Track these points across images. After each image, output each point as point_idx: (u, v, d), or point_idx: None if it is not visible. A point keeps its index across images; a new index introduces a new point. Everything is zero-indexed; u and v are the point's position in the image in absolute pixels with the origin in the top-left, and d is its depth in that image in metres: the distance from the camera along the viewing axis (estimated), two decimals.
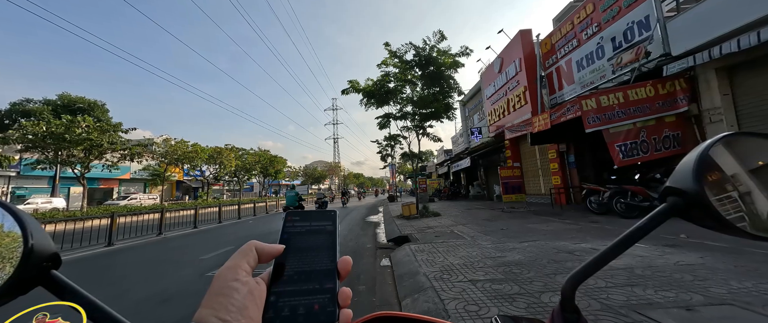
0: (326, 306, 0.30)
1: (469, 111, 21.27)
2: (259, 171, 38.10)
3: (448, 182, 26.66)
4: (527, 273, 3.31)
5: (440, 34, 10.17)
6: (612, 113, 7.10)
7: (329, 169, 79.44)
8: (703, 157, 0.33)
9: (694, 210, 0.32)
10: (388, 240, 6.59)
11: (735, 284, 2.67)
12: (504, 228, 6.64)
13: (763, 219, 0.33)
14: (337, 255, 0.34)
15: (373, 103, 11.03)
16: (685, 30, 6.60)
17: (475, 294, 2.82)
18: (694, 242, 4.22)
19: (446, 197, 22.00)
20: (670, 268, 3.20)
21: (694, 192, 0.31)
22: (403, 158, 15.39)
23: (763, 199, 0.33)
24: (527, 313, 2.37)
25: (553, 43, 11.29)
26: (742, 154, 0.36)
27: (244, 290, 0.27)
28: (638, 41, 7.87)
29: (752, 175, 0.35)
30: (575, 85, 10.17)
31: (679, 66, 6.53)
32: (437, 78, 10.53)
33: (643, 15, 7.72)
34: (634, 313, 2.25)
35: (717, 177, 0.35)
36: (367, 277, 4.06)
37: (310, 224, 0.36)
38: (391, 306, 3.09)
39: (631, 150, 7.00)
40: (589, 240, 4.90)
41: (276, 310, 0.29)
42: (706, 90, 6.70)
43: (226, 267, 0.28)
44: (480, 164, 19.74)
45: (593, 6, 9.23)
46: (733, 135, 0.36)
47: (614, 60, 8.58)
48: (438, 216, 9.85)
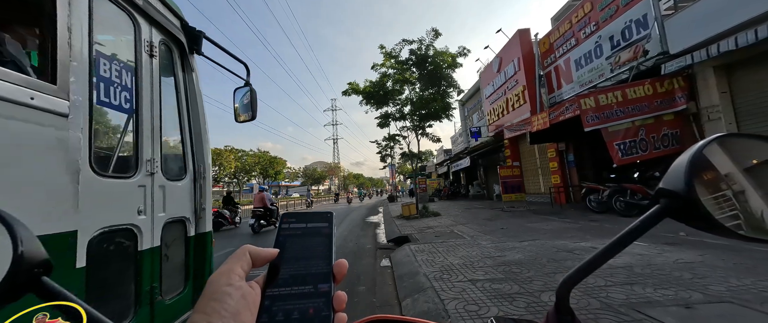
0: (321, 310, 0.30)
1: (468, 110, 21.28)
2: (259, 173, 38.09)
3: (448, 182, 26.69)
4: (527, 273, 3.32)
5: (435, 32, 10.19)
6: (610, 112, 7.11)
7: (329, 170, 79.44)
8: (694, 159, 0.33)
9: (686, 212, 0.32)
10: (388, 241, 6.59)
11: (734, 281, 2.68)
12: (504, 227, 6.64)
13: (758, 218, 0.33)
14: (332, 258, 0.34)
15: (373, 104, 11.04)
16: (683, 28, 6.61)
17: (475, 294, 2.82)
18: (694, 240, 4.23)
19: (446, 197, 22.02)
20: (669, 266, 3.21)
21: (685, 194, 0.31)
22: (403, 158, 15.38)
23: (758, 199, 0.33)
24: (527, 313, 2.37)
25: (551, 43, 11.30)
26: (737, 153, 0.36)
27: (238, 295, 0.27)
28: (636, 40, 7.89)
29: (747, 175, 0.35)
30: (574, 84, 10.18)
31: (677, 64, 6.54)
32: (436, 77, 10.54)
33: (640, 14, 7.73)
34: (633, 311, 2.25)
35: (712, 177, 0.35)
36: (367, 278, 4.06)
37: (306, 226, 0.36)
38: (391, 306, 3.09)
39: (630, 148, 7.01)
40: (588, 238, 4.91)
41: (270, 314, 0.29)
42: (704, 88, 6.71)
43: (219, 271, 0.28)
44: (479, 164, 19.75)
45: (591, 5, 9.24)
46: (726, 136, 0.36)
47: (612, 59, 8.59)
48: (438, 216, 9.85)
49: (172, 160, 1.80)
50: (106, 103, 1.35)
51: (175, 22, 1.79)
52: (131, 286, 1.40)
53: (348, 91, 10.96)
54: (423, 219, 9.23)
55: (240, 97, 2.20)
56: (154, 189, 1.52)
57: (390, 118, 11.58)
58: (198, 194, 1.85)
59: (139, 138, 1.47)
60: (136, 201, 1.42)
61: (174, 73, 1.82)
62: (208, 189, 1.91)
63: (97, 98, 1.27)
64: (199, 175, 1.86)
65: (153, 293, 1.47)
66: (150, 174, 1.49)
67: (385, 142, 13.58)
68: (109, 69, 1.37)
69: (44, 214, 0.99)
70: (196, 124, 1.91)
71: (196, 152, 1.88)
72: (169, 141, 1.80)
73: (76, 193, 1.08)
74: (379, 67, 10.65)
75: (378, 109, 11.35)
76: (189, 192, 1.80)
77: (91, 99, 1.19)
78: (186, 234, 1.76)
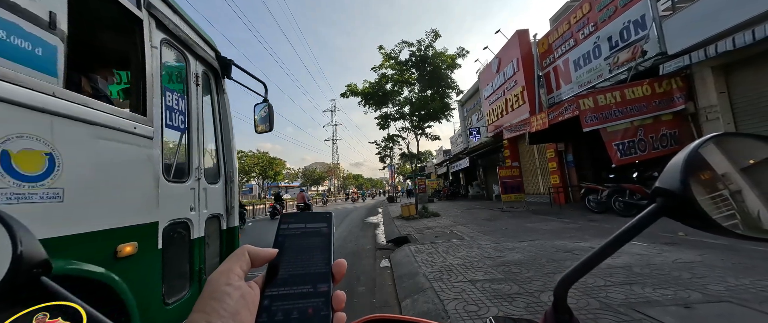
0: (320, 310, 0.30)
1: (467, 111, 21.30)
2: (259, 173, 38.01)
3: (448, 182, 26.69)
4: (526, 273, 3.32)
5: (435, 33, 10.20)
6: (609, 112, 7.12)
7: (328, 171, 79.40)
8: (690, 158, 0.33)
9: (682, 211, 0.32)
10: (387, 241, 6.59)
11: (732, 281, 2.68)
12: (503, 227, 6.64)
13: (754, 218, 0.33)
14: (331, 257, 0.34)
15: (372, 105, 11.04)
16: (681, 29, 6.64)
17: (475, 294, 2.82)
18: (693, 240, 4.24)
19: (445, 197, 22.03)
20: (668, 266, 3.21)
21: (681, 193, 0.31)
22: (402, 159, 15.38)
23: (754, 198, 0.34)
24: (527, 313, 2.37)
25: (550, 43, 11.32)
26: (733, 153, 0.36)
27: (237, 294, 0.27)
28: (634, 40, 7.91)
29: (743, 174, 0.35)
30: (572, 85, 10.20)
31: (675, 65, 6.56)
32: (435, 78, 10.56)
33: (638, 14, 7.75)
34: (632, 311, 2.25)
35: (708, 177, 0.35)
36: (366, 278, 4.05)
37: (305, 226, 0.36)
38: (390, 307, 3.08)
39: (629, 148, 7.03)
40: (587, 238, 4.92)
41: (269, 314, 0.29)
42: (702, 88, 6.73)
43: (219, 271, 0.28)
44: (479, 164, 19.77)
45: (589, 6, 9.27)
46: (722, 135, 0.36)
47: (611, 59, 8.62)
48: (437, 216, 9.85)
49: (209, 167, 2.18)
50: (170, 125, 1.78)
51: (212, 53, 2.24)
52: (187, 266, 1.81)
53: (346, 93, 10.96)
54: (422, 220, 9.23)
55: (259, 111, 2.62)
56: (200, 191, 1.95)
57: (389, 119, 11.58)
58: (228, 195, 2.28)
59: (190, 150, 1.92)
60: (189, 201, 1.85)
61: (210, 96, 2.27)
62: (235, 191, 2.33)
63: (165, 122, 1.69)
64: (229, 180, 2.31)
65: (201, 273, 1.88)
66: (197, 180, 1.94)
67: (384, 142, 13.57)
68: (172, 98, 1.81)
69: (141, 209, 1.44)
70: (226, 138, 2.35)
71: (226, 161, 2.32)
72: (207, 151, 2.18)
73: (157, 195, 1.53)
74: (379, 68, 10.66)
75: (377, 110, 11.35)
76: (222, 194, 2.24)
77: (162, 123, 1.64)
78: (220, 228, 2.18)
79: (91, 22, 1.94)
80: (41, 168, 1.04)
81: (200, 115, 2.03)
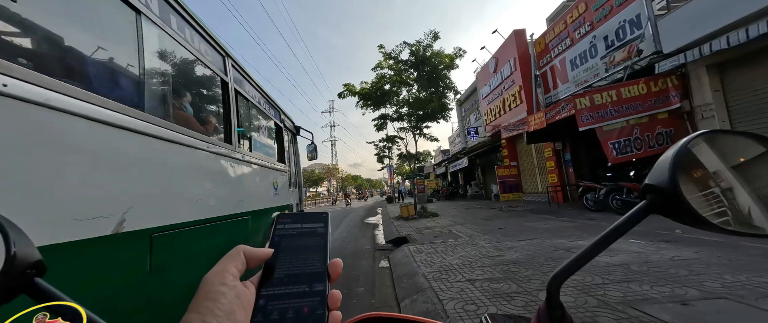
0: (315, 309, 0.30)
1: (465, 111, 21.34)
2: None
3: (446, 182, 26.72)
4: (525, 272, 3.33)
5: (434, 34, 10.22)
6: (605, 111, 7.16)
7: (327, 171, 79.27)
8: (679, 154, 0.33)
9: (671, 207, 0.32)
10: (386, 242, 6.58)
11: (729, 278, 2.70)
12: (502, 227, 6.66)
13: (745, 214, 0.33)
14: (327, 257, 0.34)
15: (370, 105, 11.03)
16: (676, 28, 6.68)
17: (474, 294, 2.83)
18: (690, 237, 4.26)
19: (444, 197, 22.04)
20: (665, 263, 3.23)
21: (670, 190, 0.31)
22: (401, 159, 15.37)
23: (745, 195, 0.34)
24: (526, 311, 2.38)
25: (546, 43, 11.38)
26: (725, 150, 0.37)
27: (232, 294, 0.27)
28: (630, 40, 7.96)
29: (734, 171, 0.36)
30: (569, 84, 10.25)
31: (670, 63, 6.61)
32: (433, 78, 10.57)
33: (634, 14, 7.81)
34: (630, 309, 2.26)
35: (700, 174, 0.35)
36: (366, 279, 4.05)
37: (302, 226, 0.36)
38: (390, 307, 3.08)
39: (625, 147, 7.07)
40: (586, 237, 4.93)
41: (264, 314, 0.29)
42: (697, 87, 6.78)
43: (213, 271, 0.28)
44: (477, 164, 19.80)
45: (585, 5, 9.33)
46: (712, 132, 0.37)
47: (607, 58, 8.67)
48: (436, 216, 9.85)
49: (293, 179, 4.51)
50: (288, 164, 4.22)
51: (292, 124, 4.80)
52: None
53: (344, 93, 10.94)
54: (421, 220, 9.23)
55: (309, 148, 5.65)
56: (292, 191, 4.35)
57: (387, 120, 11.57)
58: (300, 194, 4.92)
59: (294, 171, 4.71)
60: (294, 197, 4.37)
61: (292, 143, 4.79)
62: (302, 193, 5.16)
63: (278, 157, 3.82)
64: (299, 186, 4.92)
65: None
66: (295, 187, 4.65)
67: (382, 142, 13.56)
68: (288, 151, 4.37)
69: (288, 199, 3.92)
70: (297, 165, 5.01)
71: (298, 177, 4.89)
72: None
73: (289, 193, 4.03)
74: (378, 68, 10.66)
75: (375, 111, 11.34)
76: (296, 194, 4.58)
77: (288, 164, 4.24)
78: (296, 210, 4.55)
79: (276, 132, 3.97)
80: (274, 186, 3.28)
81: (292, 155, 4.52)
